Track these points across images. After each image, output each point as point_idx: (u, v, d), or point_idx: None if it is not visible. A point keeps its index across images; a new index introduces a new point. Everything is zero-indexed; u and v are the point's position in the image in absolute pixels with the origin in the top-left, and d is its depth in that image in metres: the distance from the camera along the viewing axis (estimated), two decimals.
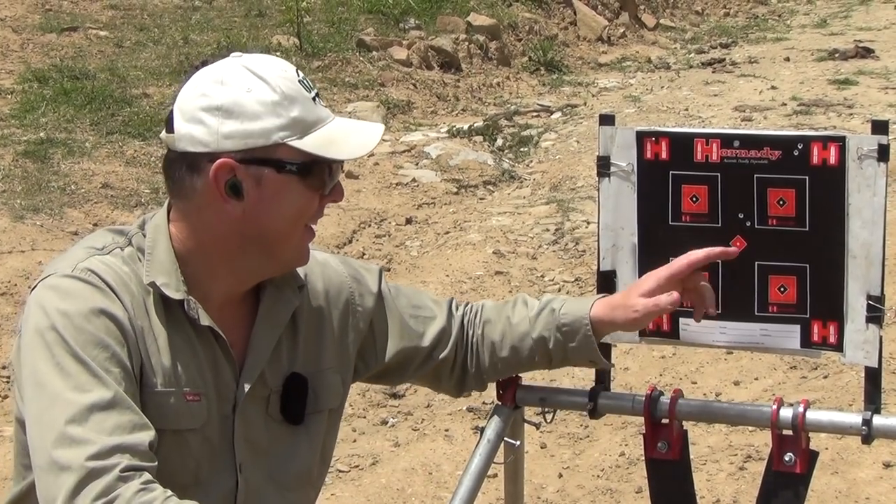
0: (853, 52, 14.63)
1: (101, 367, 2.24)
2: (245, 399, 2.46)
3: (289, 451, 2.53)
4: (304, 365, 2.55)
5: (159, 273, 2.38)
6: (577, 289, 7.56)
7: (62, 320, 2.26)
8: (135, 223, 2.48)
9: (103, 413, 2.19)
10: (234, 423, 2.45)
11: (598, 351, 2.68)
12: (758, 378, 6.18)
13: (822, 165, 2.62)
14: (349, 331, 2.65)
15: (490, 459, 2.77)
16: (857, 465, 5.24)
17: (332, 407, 2.62)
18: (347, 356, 2.65)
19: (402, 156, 10.40)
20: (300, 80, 2.39)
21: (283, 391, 2.52)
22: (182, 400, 2.37)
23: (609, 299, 2.71)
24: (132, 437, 2.19)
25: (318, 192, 2.39)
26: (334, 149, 2.36)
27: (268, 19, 13.86)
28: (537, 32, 15.34)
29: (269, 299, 2.50)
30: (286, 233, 2.39)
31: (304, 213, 2.39)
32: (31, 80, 10.88)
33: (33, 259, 7.34)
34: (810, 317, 2.68)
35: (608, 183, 2.79)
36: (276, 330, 2.51)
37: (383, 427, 5.89)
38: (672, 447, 2.73)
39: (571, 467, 5.44)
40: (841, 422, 2.63)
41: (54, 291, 2.31)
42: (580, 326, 2.67)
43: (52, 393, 2.21)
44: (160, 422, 2.32)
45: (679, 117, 11.97)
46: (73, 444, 2.16)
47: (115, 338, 2.28)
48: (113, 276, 2.35)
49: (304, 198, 2.37)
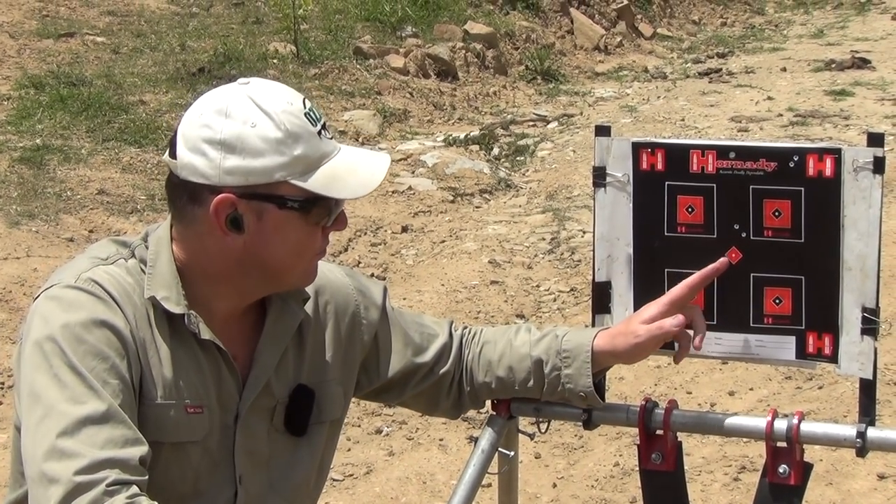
0: (850, 63, 14.64)
1: (98, 378, 2.23)
2: (249, 410, 2.46)
3: (289, 462, 2.53)
4: (310, 376, 2.56)
5: (160, 287, 2.38)
6: (572, 299, 7.56)
7: (62, 331, 2.25)
8: (139, 234, 2.48)
9: (96, 426, 2.18)
10: (236, 435, 2.45)
11: (590, 378, 2.67)
12: (753, 388, 6.17)
13: (817, 177, 2.62)
14: (354, 343, 2.65)
15: (484, 469, 2.77)
16: (851, 476, 5.24)
17: (334, 418, 2.62)
18: (351, 368, 2.65)
19: (398, 164, 10.40)
20: (307, 111, 2.36)
21: (290, 403, 2.52)
22: (182, 412, 2.36)
23: (610, 329, 2.71)
24: (123, 451, 2.18)
25: (321, 225, 2.40)
26: (338, 186, 2.35)
27: (265, 26, 13.85)
28: (534, 41, 15.35)
29: (275, 312, 2.51)
30: (289, 265, 2.40)
31: (307, 246, 2.39)
32: (28, 86, 10.87)
33: (29, 265, 7.33)
34: (805, 328, 2.68)
35: (604, 193, 2.79)
36: (282, 342, 2.51)
37: (378, 436, 5.88)
38: (666, 458, 2.72)
39: (566, 477, 5.44)
40: (835, 434, 2.63)
41: (56, 302, 2.31)
42: (580, 353, 2.67)
43: (47, 404, 2.21)
44: (159, 434, 2.32)
45: (675, 127, 11.97)
46: (63, 456, 2.15)
47: (115, 349, 2.28)
48: (116, 287, 2.35)
49: (305, 233, 2.37)
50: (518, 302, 7.54)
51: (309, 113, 2.36)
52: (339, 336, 2.62)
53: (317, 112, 2.39)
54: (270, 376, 2.48)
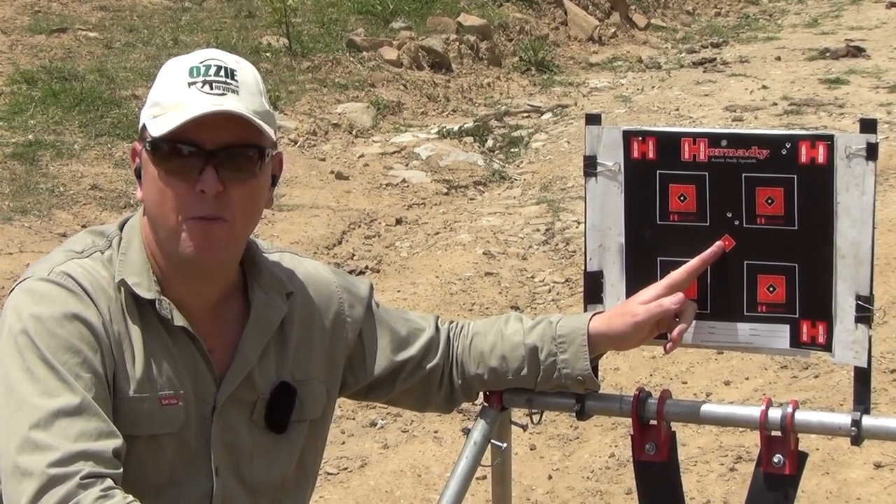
0: (844, 52, 14.65)
1: (71, 372, 2.22)
2: (227, 403, 2.44)
3: (268, 459, 2.51)
4: (293, 374, 2.54)
5: (131, 273, 2.37)
6: (567, 289, 7.55)
7: (34, 325, 2.25)
8: (114, 223, 2.47)
9: (69, 419, 2.17)
10: (212, 426, 2.43)
11: (588, 362, 2.65)
12: (748, 378, 6.16)
13: (810, 164, 2.60)
14: (338, 341, 2.63)
15: (477, 461, 2.75)
16: (847, 465, 5.23)
17: (314, 417, 2.60)
18: (335, 367, 2.64)
19: (392, 156, 10.39)
20: (197, 65, 2.33)
21: (271, 399, 2.50)
22: (157, 405, 2.35)
23: (606, 312, 2.70)
24: (97, 444, 2.17)
25: (173, 176, 2.31)
26: (157, 122, 2.30)
27: (258, 20, 13.84)
28: (528, 32, 15.34)
29: (258, 305, 2.49)
30: (158, 216, 2.34)
31: (167, 195, 2.31)
32: (20, 81, 10.86)
33: (21, 261, 7.31)
34: (799, 317, 2.66)
35: (595, 183, 2.77)
36: (264, 336, 2.49)
37: (372, 429, 5.86)
38: (660, 449, 2.71)
39: (561, 469, 5.42)
40: (830, 423, 2.61)
41: (29, 295, 2.30)
42: (576, 337, 2.65)
43: (20, 398, 2.20)
44: (134, 427, 2.31)
45: (670, 117, 11.97)
46: (37, 449, 2.14)
47: (87, 343, 2.27)
48: (90, 280, 2.34)
49: (163, 180, 2.31)
50: (513, 293, 7.53)
51: (197, 66, 2.34)
52: (323, 334, 2.60)
53: (214, 68, 2.34)
54: (252, 370, 2.46)
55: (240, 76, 2.35)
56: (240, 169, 2.32)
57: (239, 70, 2.36)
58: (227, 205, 2.32)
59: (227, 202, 2.32)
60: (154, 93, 2.35)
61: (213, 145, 2.29)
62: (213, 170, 2.29)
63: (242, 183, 2.33)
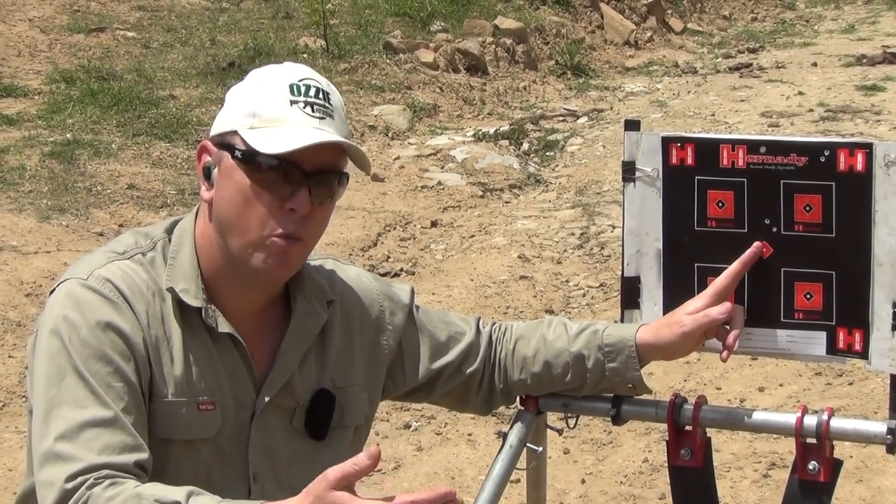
0: (881, 58, 14.59)
1: (102, 382, 2.24)
2: (267, 409, 2.45)
3: (309, 465, 2.50)
4: (334, 380, 2.55)
5: (180, 279, 2.38)
6: (601, 294, 7.55)
7: (69, 332, 2.27)
8: (161, 225, 2.48)
9: (95, 430, 2.19)
10: (251, 432, 2.44)
11: (639, 371, 2.66)
12: (783, 384, 6.15)
13: (848, 172, 2.59)
14: (379, 349, 2.64)
15: (512, 465, 2.75)
16: (882, 473, 5.21)
17: (358, 424, 2.60)
18: (377, 374, 2.64)
19: (427, 159, 10.40)
20: (296, 82, 2.35)
21: (310, 406, 2.51)
22: (194, 409, 2.36)
23: (652, 323, 2.70)
24: (120, 457, 2.19)
25: (266, 189, 2.31)
26: (263, 141, 2.30)
27: (295, 21, 13.89)
28: (564, 36, 15.33)
29: (299, 312, 2.50)
30: (237, 225, 2.33)
31: (254, 207, 2.31)
32: (59, 80, 10.93)
33: (59, 260, 7.36)
34: (836, 324, 2.66)
35: (633, 188, 2.77)
36: (305, 343, 2.50)
37: (406, 431, 5.88)
38: (695, 454, 2.71)
39: (594, 473, 5.42)
40: (865, 430, 2.61)
41: (67, 299, 2.31)
42: (623, 347, 2.65)
43: (49, 407, 2.22)
44: (170, 432, 2.32)
45: (706, 122, 11.94)
46: (60, 460, 2.17)
47: (120, 352, 2.28)
48: (128, 284, 2.34)
49: (253, 191, 2.30)
50: (547, 297, 7.53)
51: (297, 85, 2.35)
52: (364, 341, 2.61)
53: (314, 89, 2.36)
54: (292, 376, 2.47)
55: (332, 99, 2.38)
56: (327, 192, 2.35)
57: (331, 93, 2.39)
58: (308, 225, 2.34)
59: (308, 223, 2.34)
60: (247, 101, 2.34)
61: (311, 168, 2.31)
62: (307, 191, 2.31)
63: (324, 205, 2.36)
